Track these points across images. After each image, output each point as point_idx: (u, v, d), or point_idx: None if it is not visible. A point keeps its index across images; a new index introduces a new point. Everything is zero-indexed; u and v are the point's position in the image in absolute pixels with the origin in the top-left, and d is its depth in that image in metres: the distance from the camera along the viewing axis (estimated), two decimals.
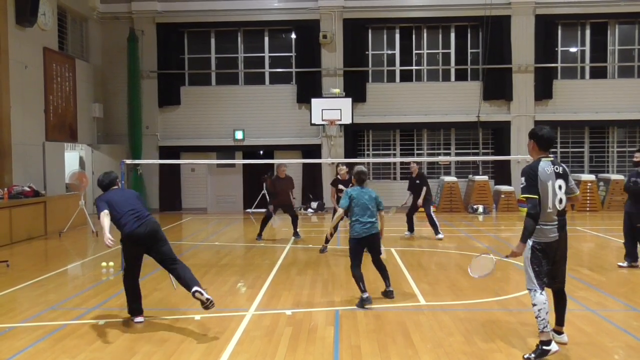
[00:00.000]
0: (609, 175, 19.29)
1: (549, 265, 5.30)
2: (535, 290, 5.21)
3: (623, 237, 9.43)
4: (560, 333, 5.59)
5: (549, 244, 5.23)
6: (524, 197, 5.24)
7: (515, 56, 19.45)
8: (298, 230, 12.90)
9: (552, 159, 5.33)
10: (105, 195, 6.69)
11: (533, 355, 5.19)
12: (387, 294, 7.43)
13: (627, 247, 9.33)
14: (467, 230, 14.37)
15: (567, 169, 5.40)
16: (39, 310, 7.07)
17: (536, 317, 5.19)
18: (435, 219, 12.73)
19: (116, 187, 6.90)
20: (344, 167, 11.67)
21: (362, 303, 7.00)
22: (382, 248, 8.06)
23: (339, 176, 11.57)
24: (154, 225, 6.57)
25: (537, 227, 5.18)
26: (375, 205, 7.40)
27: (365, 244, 7.38)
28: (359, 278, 7.16)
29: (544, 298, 5.16)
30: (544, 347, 5.16)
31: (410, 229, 13.10)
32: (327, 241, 11.01)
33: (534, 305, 5.20)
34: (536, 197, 5.15)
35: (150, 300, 7.38)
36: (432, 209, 12.89)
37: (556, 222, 5.22)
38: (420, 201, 12.59)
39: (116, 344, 5.74)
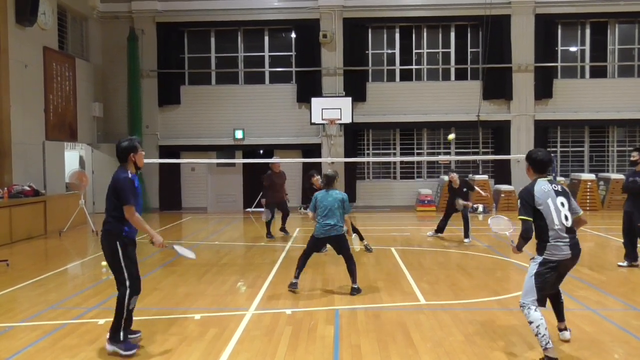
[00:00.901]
0: (609, 174, 19.29)
1: (554, 281, 5.26)
2: (529, 308, 5.08)
3: (623, 237, 9.42)
4: (561, 330, 5.62)
5: (562, 262, 5.13)
6: (519, 218, 5.22)
7: (515, 55, 19.45)
8: (286, 226, 13.39)
9: (549, 178, 5.31)
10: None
11: None
12: (351, 291, 7.61)
13: (626, 247, 9.33)
14: None
15: (566, 189, 5.33)
16: (38, 309, 7.07)
17: (536, 335, 5.05)
18: (470, 223, 12.46)
19: (127, 174, 5.51)
20: (317, 176, 11.59)
21: (290, 285, 7.75)
22: (356, 245, 8.35)
23: (314, 187, 11.49)
24: (101, 238, 5.60)
25: (550, 243, 5.10)
26: (341, 207, 7.63)
27: (325, 244, 7.87)
28: (299, 265, 7.82)
29: (539, 315, 5.04)
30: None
31: (440, 231, 12.90)
32: None
33: (530, 323, 5.06)
34: (530, 219, 5.14)
35: (150, 300, 7.38)
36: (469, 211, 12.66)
37: (567, 240, 5.11)
38: (471, 204, 12.75)
39: None
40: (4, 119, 14.40)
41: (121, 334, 5.48)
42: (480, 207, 18.32)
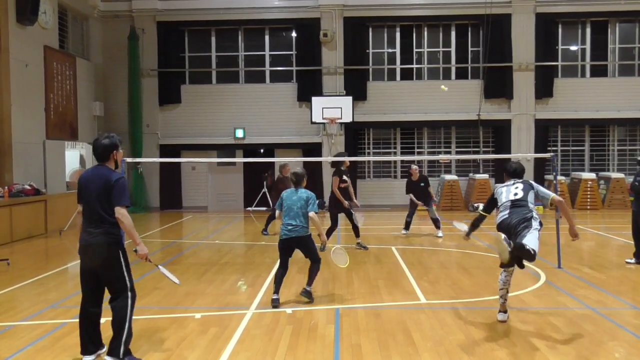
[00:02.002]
0: (609, 173, 19.29)
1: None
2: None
3: (632, 237, 9.45)
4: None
5: (500, 221, 6.30)
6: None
7: (516, 54, 19.44)
8: None
9: (517, 181, 6.63)
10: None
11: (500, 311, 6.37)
12: (301, 291, 7.21)
13: (636, 247, 9.37)
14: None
15: (532, 184, 6.48)
16: (39, 308, 7.08)
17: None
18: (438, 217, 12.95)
19: (122, 175, 5.22)
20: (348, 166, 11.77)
21: (272, 302, 7.00)
22: (341, 262, 7.70)
23: (342, 167, 11.46)
24: (96, 250, 5.01)
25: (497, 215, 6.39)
26: (304, 207, 7.10)
27: (290, 246, 7.21)
28: (275, 278, 7.21)
29: (501, 277, 6.26)
30: (498, 313, 6.33)
31: (407, 227, 13.10)
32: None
33: None
34: (484, 214, 6.94)
35: (151, 299, 7.39)
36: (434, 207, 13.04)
37: (508, 207, 6.29)
38: (435, 198, 13.50)
39: None
40: (5, 118, 14.41)
41: (122, 349, 5.05)
42: (481, 206, 18.31)
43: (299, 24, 19.84)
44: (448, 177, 19.22)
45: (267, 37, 20.31)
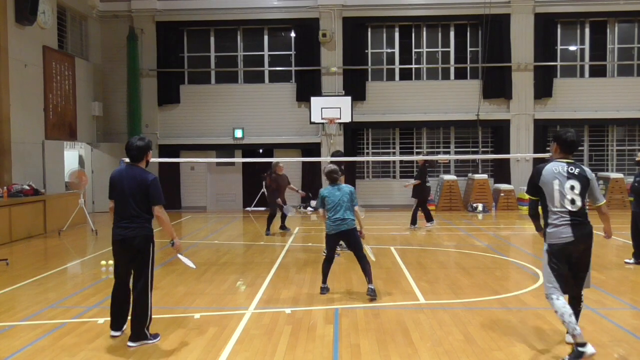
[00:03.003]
0: (608, 173, 19.29)
1: (567, 270, 5.18)
2: (551, 298, 5.09)
3: (631, 238, 9.47)
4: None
5: (564, 247, 5.12)
6: (526, 193, 5.51)
7: (515, 54, 19.45)
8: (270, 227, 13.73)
9: (570, 161, 5.25)
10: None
11: (567, 357, 5.01)
12: (368, 291, 7.33)
13: (635, 247, 9.38)
14: (467, 229, 14.38)
15: (589, 175, 5.26)
16: (38, 308, 7.07)
17: (562, 323, 5.04)
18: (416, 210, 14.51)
19: (137, 166, 5.77)
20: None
21: (321, 290, 7.64)
22: (367, 248, 7.82)
23: (342, 166, 11.60)
24: (135, 244, 5.63)
25: (549, 229, 5.17)
26: (350, 201, 7.46)
27: (338, 240, 7.65)
28: (322, 270, 7.72)
29: (561, 303, 5.03)
30: (579, 349, 4.95)
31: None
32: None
33: (555, 312, 5.07)
34: (534, 198, 5.33)
35: None
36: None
37: (567, 222, 5.10)
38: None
39: (115, 342, 5.74)
40: (4, 118, 14.39)
41: (147, 332, 5.63)
42: (480, 206, 18.33)
43: (298, 24, 19.83)
44: (447, 177, 19.22)
45: (266, 37, 20.30)
